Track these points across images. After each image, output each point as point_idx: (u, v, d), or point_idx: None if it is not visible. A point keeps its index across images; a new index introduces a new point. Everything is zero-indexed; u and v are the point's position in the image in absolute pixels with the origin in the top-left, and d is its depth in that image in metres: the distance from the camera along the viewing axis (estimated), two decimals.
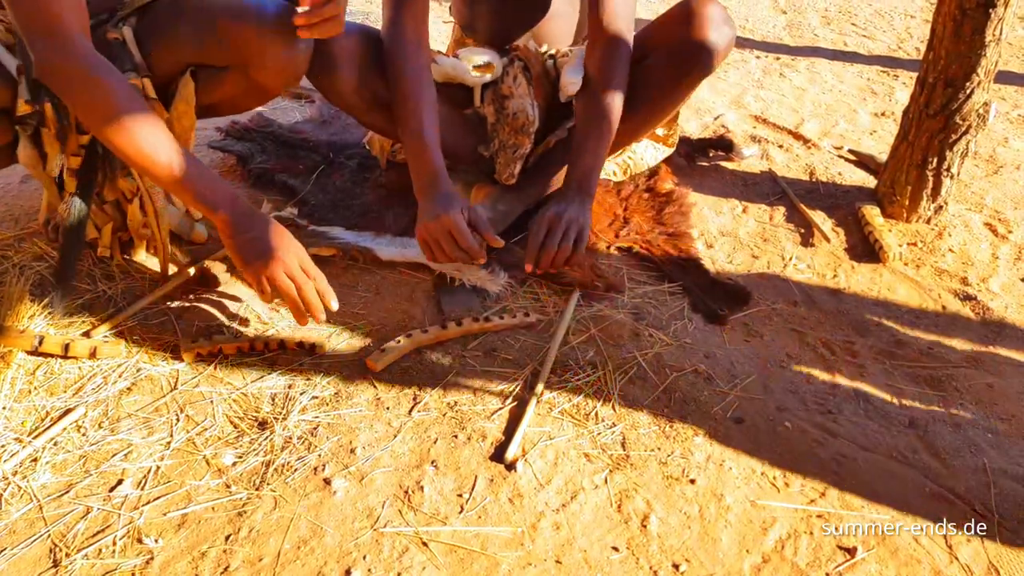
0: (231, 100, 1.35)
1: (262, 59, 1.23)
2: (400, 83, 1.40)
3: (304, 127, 2.05)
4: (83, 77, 1.04)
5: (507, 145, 1.57)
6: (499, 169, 1.58)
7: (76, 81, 1.04)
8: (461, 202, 1.36)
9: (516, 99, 1.57)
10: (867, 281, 1.51)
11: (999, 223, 1.70)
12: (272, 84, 1.29)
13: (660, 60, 1.53)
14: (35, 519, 0.96)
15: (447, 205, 1.34)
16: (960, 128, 1.57)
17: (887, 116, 2.33)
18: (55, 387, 1.15)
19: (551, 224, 1.39)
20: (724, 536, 0.98)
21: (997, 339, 1.36)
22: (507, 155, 1.56)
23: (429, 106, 1.40)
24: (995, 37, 1.48)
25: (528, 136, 1.56)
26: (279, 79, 1.28)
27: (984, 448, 1.13)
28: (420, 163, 1.39)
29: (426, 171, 1.38)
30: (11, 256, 1.41)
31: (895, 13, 3.48)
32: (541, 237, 1.38)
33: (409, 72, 1.40)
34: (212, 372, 1.20)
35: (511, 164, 1.56)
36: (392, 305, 1.37)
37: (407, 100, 1.39)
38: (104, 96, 1.05)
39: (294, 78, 1.28)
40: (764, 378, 1.24)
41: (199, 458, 1.05)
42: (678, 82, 1.52)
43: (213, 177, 1.15)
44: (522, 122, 1.56)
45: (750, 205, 1.77)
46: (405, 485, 1.03)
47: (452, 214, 1.33)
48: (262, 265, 1.13)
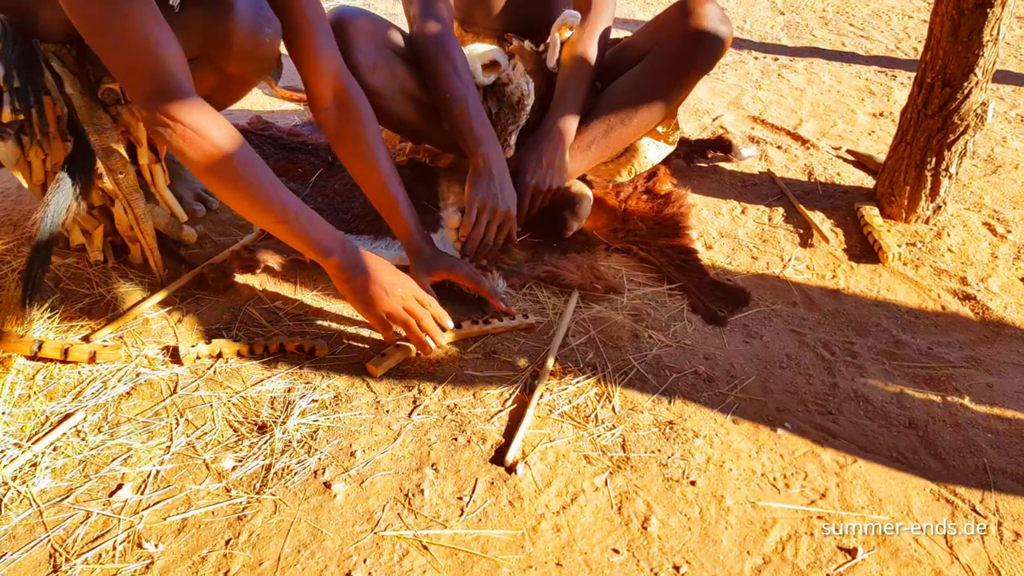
0: (208, 97, 1.34)
1: (230, 46, 1.21)
2: (447, 79, 1.47)
3: (303, 130, 2.05)
4: (196, 131, 1.02)
5: (506, 123, 1.59)
6: None
7: (188, 136, 1.02)
8: None
9: (513, 83, 1.60)
10: (866, 281, 1.51)
11: (998, 223, 1.70)
12: (244, 72, 1.27)
13: (658, 58, 1.54)
14: (35, 524, 0.95)
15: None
16: (958, 128, 1.57)
17: (885, 116, 2.33)
18: (55, 392, 1.15)
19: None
20: (725, 537, 0.97)
21: (996, 339, 1.36)
22: (504, 132, 1.59)
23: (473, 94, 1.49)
24: (993, 37, 1.48)
25: (524, 110, 1.59)
26: (251, 65, 1.25)
27: (984, 448, 1.13)
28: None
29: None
30: (10, 261, 1.41)
31: (893, 13, 3.48)
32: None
33: (460, 68, 1.48)
34: (212, 376, 1.20)
35: (508, 137, 1.59)
36: None
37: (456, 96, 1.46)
38: (216, 149, 1.04)
39: (266, 63, 1.26)
40: (764, 379, 1.24)
41: (199, 462, 1.05)
42: (676, 80, 1.54)
43: (321, 223, 1.15)
44: (518, 97, 1.59)
45: (749, 206, 1.77)
46: (405, 488, 1.02)
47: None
48: (380, 306, 1.17)
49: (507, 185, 1.48)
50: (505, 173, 1.48)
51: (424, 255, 1.35)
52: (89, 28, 0.98)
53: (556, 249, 1.56)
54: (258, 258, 1.41)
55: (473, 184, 1.46)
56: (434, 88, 1.50)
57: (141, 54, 0.99)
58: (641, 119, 1.59)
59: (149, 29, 0.99)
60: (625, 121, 1.56)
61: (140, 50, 0.98)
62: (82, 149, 1.25)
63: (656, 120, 1.62)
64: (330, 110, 1.29)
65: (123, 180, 1.27)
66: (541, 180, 1.54)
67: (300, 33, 1.23)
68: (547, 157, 1.55)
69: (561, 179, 1.56)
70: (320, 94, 1.28)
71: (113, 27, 0.97)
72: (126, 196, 1.28)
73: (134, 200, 1.29)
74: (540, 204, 1.56)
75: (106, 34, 0.98)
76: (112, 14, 0.96)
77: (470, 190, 1.45)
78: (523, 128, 1.61)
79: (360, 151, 1.31)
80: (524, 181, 1.54)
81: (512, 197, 1.48)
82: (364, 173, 1.33)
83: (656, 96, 1.56)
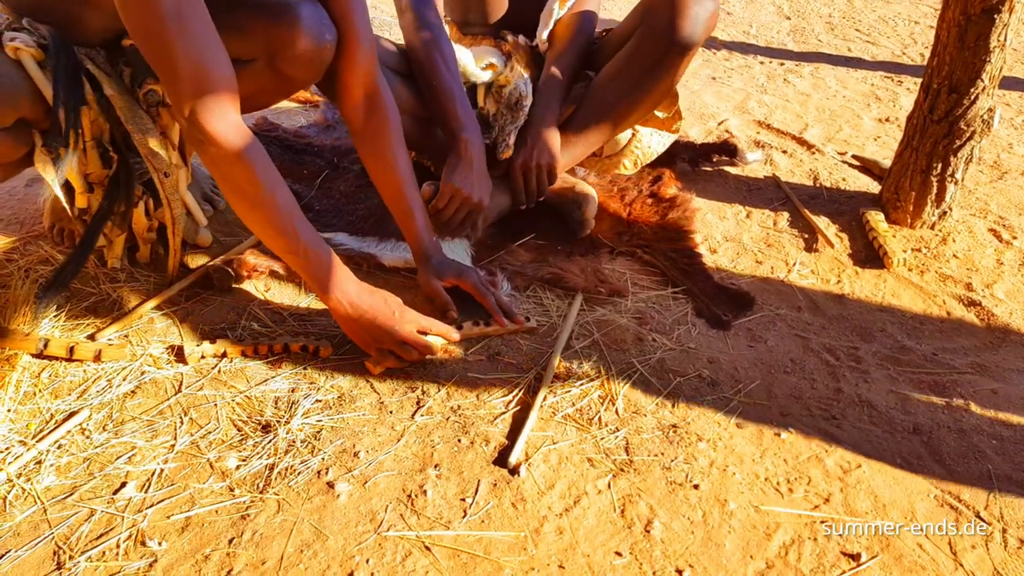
0: (252, 96, 1.35)
1: (294, 49, 1.23)
2: (441, 77, 1.51)
3: (308, 132, 2.06)
4: (234, 151, 1.05)
5: (505, 124, 1.60)
6: (498, 151, 1.61)
7: (224, 154, 1.05)
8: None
9: (511, 84, 1.62)
10: (871, 287, 1.50)
11: (1004, 229, 1.70)
12: (301, 76, 1.29)
13: (645, 38, 1.51)
14: (39, 521, 0.96)
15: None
16: (964, 134, 1.57)
17: (891, 122, 2.33)
18: (60, 390, 1.15)
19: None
20: (728, 541, 0.97)
21: (1002, 345, 1.36)
22: (503, 132, 1.60)
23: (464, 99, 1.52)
24: (1000, 43, 1.48)
25: (522, 110, 1.60)
26: (310, 69, 1.27)
27: (989, 454, 1.12)
28: None
29: None
30: (16, 259, 1.42)
31: (899, 19, 3.48)
32: (520, 184, 1.58)
33: (450, 63, 1.52)
34: (216, 375, 1.20)
35: (506, 138, 1.60)
36: None
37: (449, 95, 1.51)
38: (247, 173, 1.07)
39: (322, 68, 1.28)
40: (768, 383, 1.24)
41: (203, 461, 1.05)
42: (662, 59, 1.50)
43: (330, 263, 1.18)
44: (516, 98, 1.60)
45: (754, 210, 1.77)
46: (408, 489, 1.03)
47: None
48: (382, 345, 1.21)
49: (483, 175, 1.52)
50: (483, 162, 1.52)
51: (433, 261, 1.37)
52: (144, 37, 1.00)
53: (560, 252, 1.57)
54: (263, 260, 1.41)
55: (450, 170, 1.49)
56: (424, 81, 1.53)
57: (194, 69, 1.00)
58: (632, 102, 1.57)
59: (204, 46, 1.01)
60: (616, 106, 1.56)
61: (193, 65, 1.00)
62: (125, 166, 1.27)
63: (648, 102, 1.58)
64: (359, 108, 1.31)
65: (167, 181, 1.28)
66: (528, 157, 1.57)
67: (340, 22, 1.25)
68: (532, 137, 1.58)
69: (550, 157, 1.58)
70: (351, 90, 1.30)
71: (169, 40, 0.98)
72: (168, 197, 1.29)
73: (175, 201, 1.30)
74: (537, 183, 1.60)
75: (163, 47, 0.99)
76: (172, 28, 0.98)
77: (446, 174, 1.49)
78: None
79: (381, 152, 1.33)
80: (513, 161, 1.59)
81: (486, 187, 1.52)
82: (382, 174, 1.35)
83: (644, 78, 1.53)
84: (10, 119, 1.12)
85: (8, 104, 1.11)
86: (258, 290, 1.40)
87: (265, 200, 1.10)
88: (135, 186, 1.31)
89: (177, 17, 0.97)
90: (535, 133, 1.59)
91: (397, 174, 1.34)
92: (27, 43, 1.12)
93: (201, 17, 1.01)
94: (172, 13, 0.97)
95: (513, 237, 1.60)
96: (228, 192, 1.10)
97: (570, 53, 1.65)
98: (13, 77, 1.11)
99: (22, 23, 1.16)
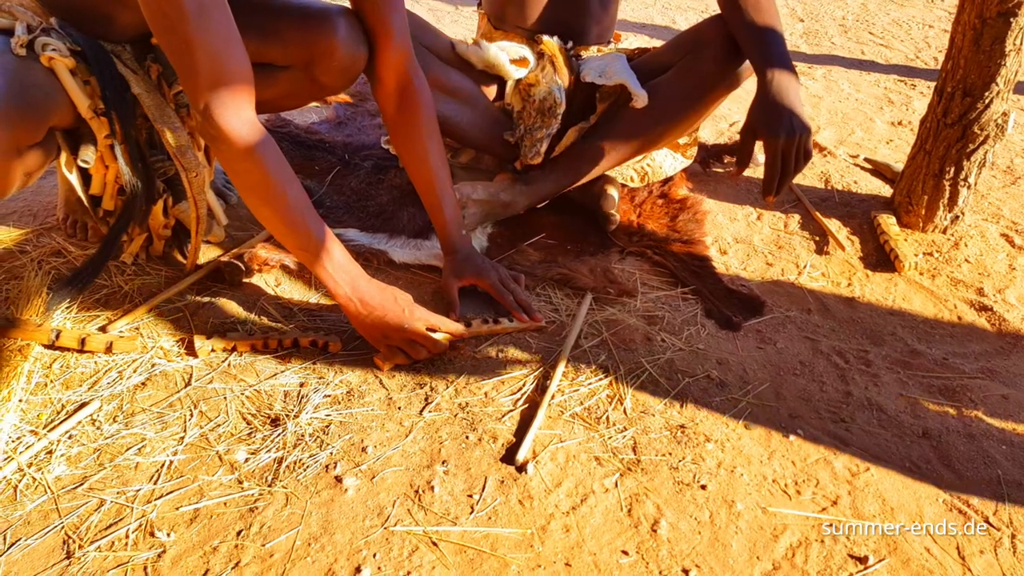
0: (282, 98, 1.37)
1: (331, 60, 1.26)
2: None
3: (320, 128, 2.06)
4: (247, 148, 1.06)
5: (533, 128, 1.58)
6: (524, 152, 1.59)
7: (237, 150, 1.05)
8: None
9: (542, 85, 1.59)
10: (882, 290, 1.50)
11: (1016, 234, 1.69)
12: (333, 84, 1.31)
13: (692, 71, 1.52)
14: (49, 511, 0.96)
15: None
16: (978, 138, 1.56)
17: (904, 125, 2.32)
18: (71, 381, 1.16)
19: (784, 151, 1.34)
20: (735, 542, 0.97)
21: (1013, 350, 1.35)
22: (532, 137, 1.58)
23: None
24: (1016, 47, 1.47)
25: (555, 117, 1.57)
26: (344, 78, 1.30)
27: (998, 460, 1.12)
28: None
29: None
30: (29, 251, 1.43)
31: (913, 22, 3.46)
32: (778, 167, 1.35)
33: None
34: (226, 369, 1.21)
35: (537, 144, 1.58)
36: None
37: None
38: (259, 170, 1.08)
39: (354, 77, 1.31)
40: (777, 385, 1.24)
41: (212, 454, 1.06)
42: (708, 92, 1.52)
43: (342, 261, 1.19)
44: (549, 104, 1.58)
45: (764, 212, 1.76)
46: (416, 484, 1.03)
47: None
48: (391, 341, 1.22)
49: None
50: None
51: (459, 256, 1.38)
52: (165, 31, 1.00)
53: (570, 252, 1.57)
54: (274, 254, 1.42)
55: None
56: None
57: (211, 65, 1.01)
58: (669, 125, 1.56)
59: (224, 42, 1.02)
60: (653, 127, 1.56)
61: (211, 61, 1.01)
62: (148, 172, 1.28)
63: (684, 127, 1.59)
64: (391, 97, 1.32)
65: (195, 180, 1.29)
66: (789, 130, 1.33)
67: (375, 22, 1.26)
68: (785, 106, 1.35)
69: (805, 126, 1.36)
70: (385, 78, 1.31)
71: (189, 34, 0.98)
72: (195, 196, 1.30)
73: (200, 200, 1.31)
74: (797, 162, 1.37)
75: (183, 42, 0.99)
76: (193, 23, 0.98)
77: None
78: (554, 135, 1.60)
79: (414, 143, 1.34)
80: (773, 137, 1.34)
81: None
82: (414, 165, 1.36)
83: (685, 102, 1.54)
84: (43, 132, 1.12)
85: (44, 116, 1.10)
86: (268, 285, 1.40)
87: (277, 196, 1.11)
88: (156, 184, 1.32)
89: (199, 13, 0.98)
90: (785, 99, 1.35)
91: (428, 165, 1.35)
92: (61, 52, 1.12)
93: (223, 14, 1.01)
94: (194, 8, 0.97)
95: (523, 237, 1.60)
96: (241, 187, 1.11)
97: (774, 19, 1.43)
98: (47, 88, 1.11)
99: (51, 22, 1.16)
